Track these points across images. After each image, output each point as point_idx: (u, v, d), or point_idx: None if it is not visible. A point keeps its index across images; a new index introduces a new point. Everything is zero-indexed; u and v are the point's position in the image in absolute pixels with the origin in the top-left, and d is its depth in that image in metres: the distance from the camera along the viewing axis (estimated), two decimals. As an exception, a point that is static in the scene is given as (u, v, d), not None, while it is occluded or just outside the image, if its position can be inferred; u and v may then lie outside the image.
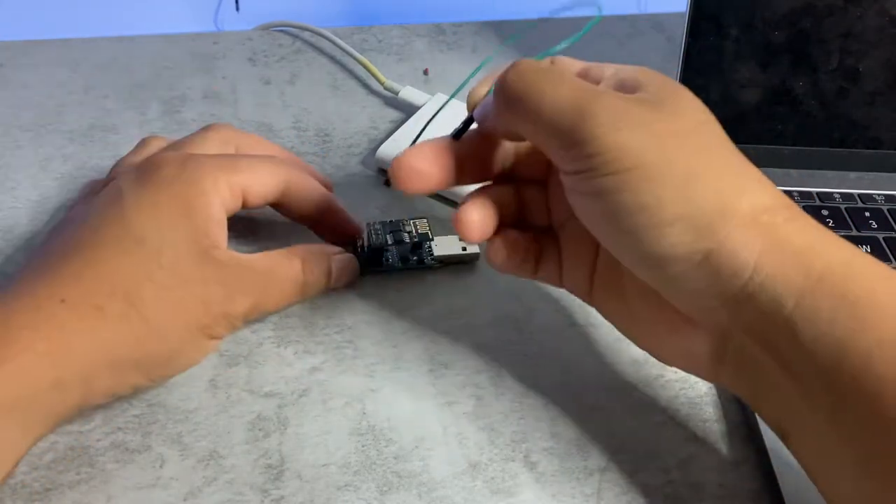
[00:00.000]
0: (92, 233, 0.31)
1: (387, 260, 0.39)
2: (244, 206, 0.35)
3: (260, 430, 0.33)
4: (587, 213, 0.29)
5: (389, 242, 0.39)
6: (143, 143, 0.39)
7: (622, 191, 0.27)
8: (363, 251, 0.39)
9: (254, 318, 0.35)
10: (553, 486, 0.32)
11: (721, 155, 0.28)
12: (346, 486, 0.31)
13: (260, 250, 0.35)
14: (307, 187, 0.37)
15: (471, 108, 0.32)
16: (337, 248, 0.38)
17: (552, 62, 0.32)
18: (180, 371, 0.33)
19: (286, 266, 0.35)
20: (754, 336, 0.27)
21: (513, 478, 0.32)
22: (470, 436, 0.33)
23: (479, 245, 0.40)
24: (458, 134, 0.33)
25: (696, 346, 0.29)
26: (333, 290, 0.38)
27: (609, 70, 0.31)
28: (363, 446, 0.33)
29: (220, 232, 0.33)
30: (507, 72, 0.29)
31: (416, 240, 0.39)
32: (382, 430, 0.33)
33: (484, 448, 0.33)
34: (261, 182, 0.35)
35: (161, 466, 0.31)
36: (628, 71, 0.30)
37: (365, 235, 0.39)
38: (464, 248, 0.40)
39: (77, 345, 0.29)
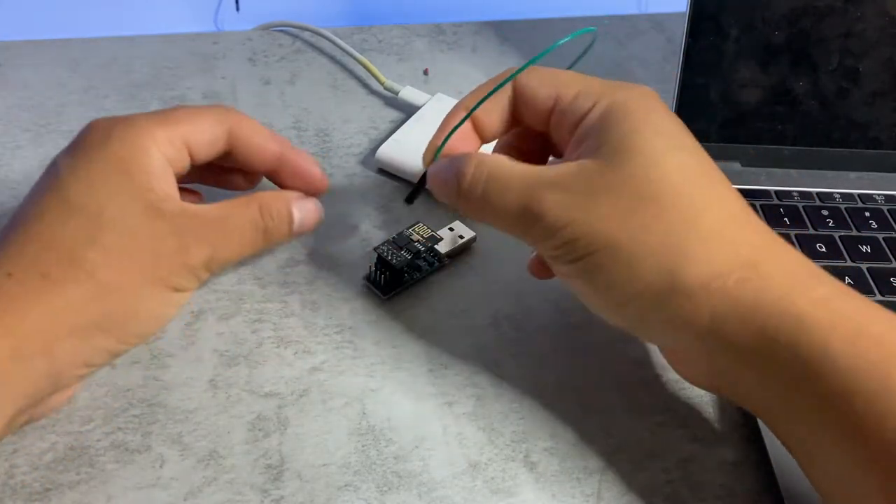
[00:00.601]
0: (32, 207, 0.31)
1: (407, 276, 0.38)
2: (193, 161, 0.34)
3: (260, 430, 0.33)
4: (569, 287, 0.32)
5: (408, 258, 0.38)
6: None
7: (581, 275, 0.30)
8: (383, 276, 0.38)
9: (218, 268, 0.34)
10: (553, 486, 0.32)
11: (666, 224, 0.28)
12: (346, 486, 0.31)
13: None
14: (257, 131, 0.35)
15: (425, 167, 0.34)
16: (297, 193, 0.36)
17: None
18: (153, 328, 0.33)
19: (242, 211, 0.34)
20: (727, 380, 0.30)
21: (513, 478, 0.32)
22: (470, 436, 0.33)
23: (475, 229, 0.41)
24: (411, 198, 0.34)
25: (694, 370, 0.32)
26: (298, 236, 0.36)
27: (586, 102, 0.31)
28: (363, 446, 0.33)
29: (166, 185, 0.32)
30: (459, 180, 0.32)
31: (430, 245, 0.38)
32: (382, 430, 0.33)
33: (484, 448, 0.33)
34: (202, 130, 0.34)
35: (161, 466, 0.31)
36: (602, 110, 0.31)
37: (375, 261, 0.38)
38: (461, 237, 0.40)
39: (29, 313, 0.29)
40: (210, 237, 0.33)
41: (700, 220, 0.29)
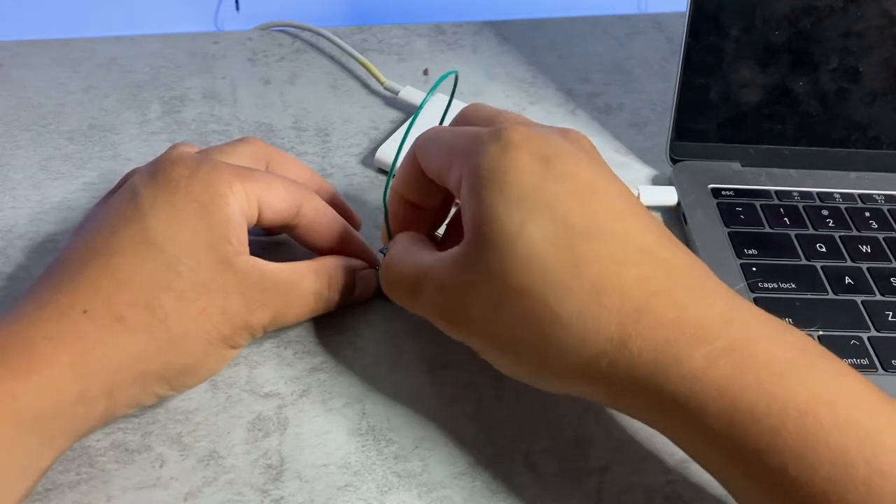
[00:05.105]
0: (109, 236, 0.31)
1: None
2: (259, 220, 0.34)
3: (260, 430, 0.33)
4: None
5: None
6: (170, 149, 0.37)
7: (488, 361, 0.32)
8: None
9: (274, 329, 0.34)
10: (553, 486, 0.32)
11: (531, 315, 0.28)
12: (346, 486, 0.31)
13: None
14: (322, 213, 0.36)
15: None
16: (361, 263, 0.37)
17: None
18: (202, 380, 0.33)
19: (311, 280, 0.34)
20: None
21: (513, 478, 0.32)
22: (470, 436, 0.33)
23: None
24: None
25: None
26: (352, 304, 0.37)
27: (455, 174, 0.31)
28: (363, 446, 0.33)
29: (241, 236, 0.32)
30: (380, 273, 0.35)
31: None
32: (382, 430, 0.33)
33: (484, 448, 0.33)
34: (276, 195, 0.34)
35: (161, 466, 0.31)
36: (464, 184, 0.31)
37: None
38: None
39: (101, 356, 0.29)
40: (276, 302, 0.33)
41: (562, 305, 0.28)
